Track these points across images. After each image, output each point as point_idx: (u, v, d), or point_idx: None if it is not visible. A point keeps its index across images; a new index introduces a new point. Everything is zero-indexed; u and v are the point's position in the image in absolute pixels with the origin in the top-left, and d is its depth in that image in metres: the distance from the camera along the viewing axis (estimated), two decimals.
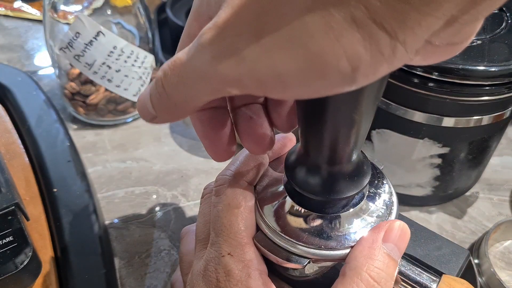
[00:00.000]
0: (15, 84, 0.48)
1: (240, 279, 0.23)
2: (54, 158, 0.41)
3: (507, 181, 0.49)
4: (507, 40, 0.36)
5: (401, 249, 0.24)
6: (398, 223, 0.24)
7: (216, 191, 0.26)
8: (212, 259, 0.24)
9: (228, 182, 0.26)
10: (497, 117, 0.38)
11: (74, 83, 0.51)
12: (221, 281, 0.23)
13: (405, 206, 0.46)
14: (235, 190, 0.25)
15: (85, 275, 0.34)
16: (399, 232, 0.24)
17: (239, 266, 0.23)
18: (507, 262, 0.42)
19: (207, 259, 0.24)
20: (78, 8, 0.48)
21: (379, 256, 0.23)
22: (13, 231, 0.31)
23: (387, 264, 0.23)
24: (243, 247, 0.24)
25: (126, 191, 0.47)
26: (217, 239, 0.24)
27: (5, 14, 0.71)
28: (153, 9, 0.66)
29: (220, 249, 0.24)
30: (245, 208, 0.25)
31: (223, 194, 0.25)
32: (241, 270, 0.23)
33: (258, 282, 0.23)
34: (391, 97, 0.38)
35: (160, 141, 0.52)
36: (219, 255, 0.24)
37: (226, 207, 0.25)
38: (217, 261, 0.24)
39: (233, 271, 0.23)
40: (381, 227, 0.24)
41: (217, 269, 0.24)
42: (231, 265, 0.23)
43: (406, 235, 0.24)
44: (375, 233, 0.24)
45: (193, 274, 0.25)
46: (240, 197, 0.25)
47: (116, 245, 0.42)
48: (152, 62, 0.52)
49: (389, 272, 0.23)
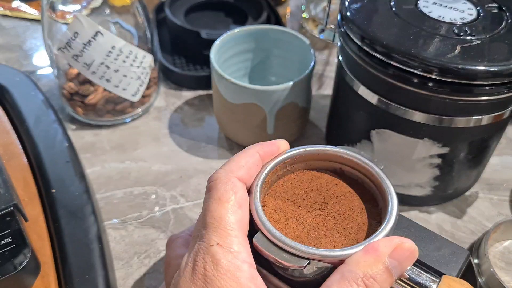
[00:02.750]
0: (13, 84, 0.48)
1: (228, 269, 0.23)
2: (52, 159, 0.41)
3: (507, 180, 0.49)
4: (507, 40, 0.36)
5: (403, 269, 0.24)
6: (410, 244, 0.24)
7: (208, 187, 0.26)
8: (200, 249, 0.24)
9: (219, 179, 0.26)
10: (496, 117, 0.37)
11: (72, 83, 0.51)
12: (208, 270, 0.23)
13: (404, 206, 0.46)
14: (226, 185, 0.25)
15: (84, 276, 0.34)
16: (407, 253, 0.24)
17: (228, 257, 0.23)
18: (506, 262, 0.42)
19: (195, 250, 0.24)
20: (76, 7, 0.48)
21: (380, 269, 0.23)
22: (11, 232, 0.31)
23: (384, 279, 0.23)
24: (232, 238, 0.24)
25: (125, 191, 0.47)
26: (206, 231, 0.24)
27: (3, 13, 0.70)
28: (152, 9, 0.66)
29: (209, 239, 0.24)
30: (235, 202, 0.25)
31: (213, 189, 0.25)
32: (230, 261, 0.23)
33: (245, 274, 0.23)
34: (390, 97, 0.38)
35: (159, 141, 0.52)
36: (207, 245, 0.23)
37: (216, 201, 0.25)
38: (205, 250, 0.23)
39: (221, 260, 0.23)
40: (392, 242, 0.24)
41: (205, 259, 0.23)
42: (219, 255, 0.23)
43: (413, 257, 0.24)
44: (384, 246, 0.23)
45: (180, 268, 0.25)
46: (230, 192, 0.25)
47: (115, 245, 0.42)
48: (151, 61, 0.52)
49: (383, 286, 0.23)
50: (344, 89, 0.42)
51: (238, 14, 0.65)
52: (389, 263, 0.23)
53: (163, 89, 0.58)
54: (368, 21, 0.37)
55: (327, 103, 0.55)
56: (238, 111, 0.46)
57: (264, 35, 0.51)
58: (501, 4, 0.40)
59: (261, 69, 0.54)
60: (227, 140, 0.52)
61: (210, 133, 0.53)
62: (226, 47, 0.49)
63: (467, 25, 0.37)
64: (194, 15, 0.65)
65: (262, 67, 0.54)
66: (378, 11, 0.39)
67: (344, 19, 0.39)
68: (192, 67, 0.60)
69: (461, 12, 0.38)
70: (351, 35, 0.38)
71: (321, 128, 0.54)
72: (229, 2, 0.66)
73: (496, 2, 0.40)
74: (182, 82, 0.59)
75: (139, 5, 0.50)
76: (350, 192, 0.29)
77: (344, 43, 0.40)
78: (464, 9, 0.39)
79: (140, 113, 0.54)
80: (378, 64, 0.36)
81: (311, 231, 0.26)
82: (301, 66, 0.49)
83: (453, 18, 0.38)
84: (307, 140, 0.53)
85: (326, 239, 0.26)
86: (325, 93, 0.59)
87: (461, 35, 0.36)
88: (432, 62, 0.33)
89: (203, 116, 0.55)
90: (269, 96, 0.44)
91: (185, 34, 0.59)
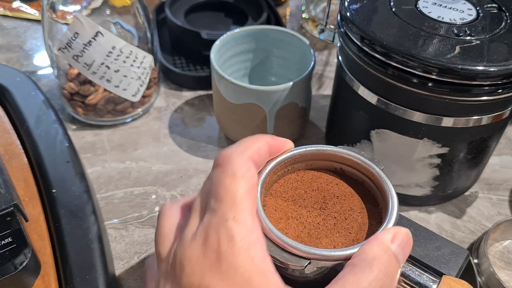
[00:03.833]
0: (14, 84, 0.48)
1: (243, 246, 0.22)
2: (53, 159, 0.41)
3: (506, 180, 0.49)
4: (506, 40, 0.36)
5: (405, 254, 0.24)
6: (405, 229, 0.25)
7: (219, 163, 0.24)
8: (213, 223, 0.22)
9: (233, 155, 0.24)
10: (496, 117, 0.38)
11: (73, 83, 0.51)
12: (222, 246, 0.22)
13: (404, 206, 0.46)
14: (241, 162, 0.24)
15: (84, 275, 0.34)
16: (406, 238, 0.24)
17: (243, 233, 0.22)
18: (506, 261, 0.42)
19: (206, 223, 0.23)
20: (76, 8, 0.48)
21: (388, 254, 0.23)
22: (12, 232, 0.31)
23: (394, 264, 0.23)
24: (247, 215, 0.23)
25: (125, 191, 0.47)
26: (219, 205, 0.23)
27: (3, 14, 0.70)
28: (152, 9, 0.66)
29: (224, 214, 0.22)
30: (249, 180, 0.24)
31: (227, 165, 0.24)
32: (244, 238, 0.22)
33: (259, 253, 0.22)
34: (390, 97, 0.38)
35: (159, 141, 0.52)
36: (221, 219, 0.22)
37: (230, 175, 0.23)
38: (219, 224, 0.22)
39: (236, 236, 0.22)
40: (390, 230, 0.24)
41: (219, 233, 0.22)
42: (234, 230, 0.22)
43: (410, 243, 0.25)
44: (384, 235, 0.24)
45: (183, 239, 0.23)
46: (245, 168, 0.24)
47: (115, 245, 0.42)
48: (151, 62, 0.52)
49: (394, 270, 0.23)
50: (344, 89, 0.42)
51: (238, 14, 0.65)
52: (394, 249, 0.24)
53: (163, 89, 0.59)
54: (368, 22, 0.38)
55: (327, 103, 0.55)
56: (238, 111, 0.46)
57: (264, 36, 0.51)
58: (501, 4, 0.40)
59: (261, 69, 0.54)
60: (227, 140, 0.52)
61: (210, 133, 0.53)
62: (226, 47, 0.49)
63: (467, 25, 0.37)
64: (194, 15, 0.65)
65: (262, 67, 0.54)
66: (378, 12, 0.39)
67: (343, 19, 0.39)
68: (192, 67, 0.60)
69: (461, 13, 0.39)
70: (350, 35, 0.38)
71: (321, 128, 0.54)
72: (229, 2, 0.66)
73: (496, 2, 0.40)
74: (182, 82, 0.59)
75: (139, 6, 0.50)
76: (351, 192, 0.29)
77: (343, 44, 0.40)
78: (464, 9, 0.39)
79: (141, 113, 0.54)
80: (378, 64, 0.36)
81: (312, 231, 0.26)
82: (301, 66, 0.49)
83: (452, 18, 0.38)
84: (307, 140, 0.53)
85: (327, 239, 0.26)
86: (325, 93, 0.59)
87: (460, 35, 0.36)
88: (431, 62, 0.33)
89: (203, 116, 0.55)
90: (269, 96, 0.44)
91: (185, 35, 0.59)
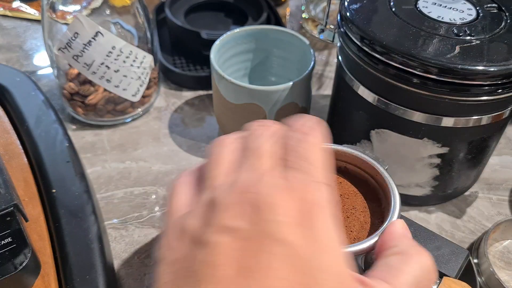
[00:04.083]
0: (14, 84, 0.48)
1: (331, 212, 0.20)
2: (53, 159, 0.41)
3: (506, 180, 0.49)
4: (506, 40, 0.36)
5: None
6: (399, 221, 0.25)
7: (304, 131, 0.23)
8: (301, 179, 0.21)
9: (314, 127, 0.24)
10: (496, 117, 0.38)
11: (72, 83, 0.51)
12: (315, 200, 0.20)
13: (404, 206, 0.46)
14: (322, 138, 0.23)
15: (84, 275, 0.34)
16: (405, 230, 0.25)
17: (330, 198, 0.21)
18: (506, 261, 0.42)
19: (290, 176, 0.21)
20: (76, 8, 0.48)
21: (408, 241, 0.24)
22: (12, 232, 0.31)
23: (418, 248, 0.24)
24: (332, 187, 0.22)
25: (125, 191, 0.47)
26: (310, 167, 0.21)
27: (3, 14, 0.70)
28: (152, 9, 0.66)
29: (316, 175, 0.21)
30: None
31: (313, 135, 0.23)
32: (331, 204, 0.21)
33: (337, 223, 0.21)
34: (390, 97, 0.38)
35: (159, 141, 0.52)
36: (312, 178, 0.21)
37: (319, 146, 0.23)
38: (307, 181, 0.21)
39: (328, 200, 0.21)
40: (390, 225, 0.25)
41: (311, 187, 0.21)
42: (328, 193, 0.21)
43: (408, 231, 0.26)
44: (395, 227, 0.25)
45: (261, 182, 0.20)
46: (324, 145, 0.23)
47: (115, 245, 0.42)
48: (151, 62, 0.52)
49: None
50: (344, 89, 0.42)
51: (238, 14, 0.65)
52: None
53: (163, 89, 0.59)
54: (368, 22, 0.38)
55: (327, 103, 0.55)
56: (238, 111, 0.46)
57: (264, 36, 0.51)
58: (501, 4, 0.40)
59: (261, 69, 0.54)
60: None
61: (210, 133, 0.53)
62: (226, 47, 0.49)
63: (467, 25, 0.37)
64: (194, 15, 0.65)
65: (262, 67, 0.54)
66: (378, 12, 0.39)
67: (343, 19, 0.39)
68: (192, 67, 0.60)
69: (461, 12, 0.39)
70: (350, 35, 0.38)
71: None
72: (229, 2, 0.66)
73: (496, 2, 0.40)
74: (182, 82, 0.59)
75: (139, 6, 0.50)
76: (354, 191, 0.29)
77: (343, 44, 0.40)
78: (464, 9, 0.39)
79: (140, 113, 0.54)
80: (378, 64, 0.36)
81: None
82: (301, 66, 0.49)
83: (452, 18, 0.38)
84: None
85: None
86: (325, 93, 0.59)
87: (460, 35, 0.36)
88: (431, 62, 0.33)
89: (203, 116, 0.55)
90: (269, 96, 0.44)
91: (185, 35, 0.59)
